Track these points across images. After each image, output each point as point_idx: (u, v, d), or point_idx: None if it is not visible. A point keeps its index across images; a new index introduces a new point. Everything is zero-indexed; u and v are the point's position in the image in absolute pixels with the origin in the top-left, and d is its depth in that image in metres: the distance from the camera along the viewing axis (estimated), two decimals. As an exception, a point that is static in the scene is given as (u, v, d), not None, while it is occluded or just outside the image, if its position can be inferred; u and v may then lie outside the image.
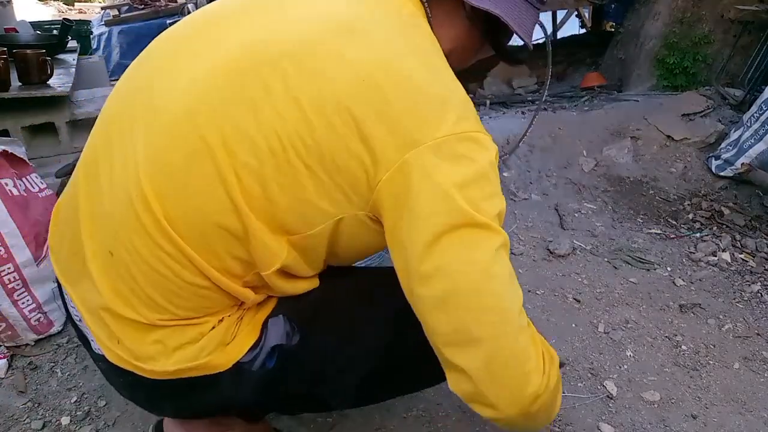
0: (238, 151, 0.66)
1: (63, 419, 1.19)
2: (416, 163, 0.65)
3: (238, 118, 0.67)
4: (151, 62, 0.80)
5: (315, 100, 0.66)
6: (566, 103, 3.17)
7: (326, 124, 0.65)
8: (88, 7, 9.16)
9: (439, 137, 0.65)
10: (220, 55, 0.71)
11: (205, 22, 0.78)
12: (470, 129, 0.68)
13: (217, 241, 0.70)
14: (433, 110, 0.67)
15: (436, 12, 0.80)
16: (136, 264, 0.72)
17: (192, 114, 0.68)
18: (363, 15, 0.72)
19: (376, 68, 0.67)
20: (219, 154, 0.67)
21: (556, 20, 6.10)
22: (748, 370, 1.46)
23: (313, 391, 0.85)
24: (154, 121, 0.71)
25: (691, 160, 2.54)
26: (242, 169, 0.67)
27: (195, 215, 0.69)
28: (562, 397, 1.31)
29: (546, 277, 1.79)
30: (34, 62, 1.86)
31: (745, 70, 2.87)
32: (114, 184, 0.72)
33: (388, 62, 0.68)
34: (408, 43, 0.72)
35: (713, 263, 1.94)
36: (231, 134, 0.67)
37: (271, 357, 0.80)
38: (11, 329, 1.35)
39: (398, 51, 0.70)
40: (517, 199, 2.27)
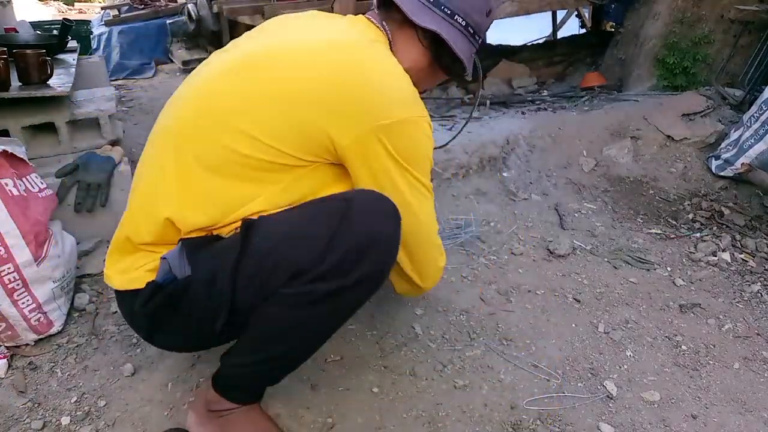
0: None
1: (63, 419, 1.19)
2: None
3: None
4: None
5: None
6: (566, 103, 3.17)
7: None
8: (88, 7, 9.16)
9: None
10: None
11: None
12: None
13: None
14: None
15: (396, 38, 1.11)
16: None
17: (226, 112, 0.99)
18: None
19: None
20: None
21: (556, 20, 6.11)
22: (748, 370, 1.46)
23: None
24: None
25: (691, 160, 2.54)
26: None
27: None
28: (563, 397, 1.31)
29: (546, 277, 1.79)
30: (34, 62, 1.85)
31: (745, 70, 2.87)
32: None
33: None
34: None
35: (713, 263, 1.94)
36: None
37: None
38: (11, 329, 1.35)
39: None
40: (517, 199, 2.27)
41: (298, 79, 0.95)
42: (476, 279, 1.74)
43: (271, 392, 1.26)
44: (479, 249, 1.89)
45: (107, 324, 1.47)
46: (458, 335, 1.49)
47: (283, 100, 0.95)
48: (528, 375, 1.37)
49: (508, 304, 1.64)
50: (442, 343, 1.46)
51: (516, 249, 1.92)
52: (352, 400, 1.26)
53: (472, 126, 2.64)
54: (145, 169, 1.05)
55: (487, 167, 2.38)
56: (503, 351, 1.45)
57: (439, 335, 1.49)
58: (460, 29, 1.11)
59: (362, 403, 1.25)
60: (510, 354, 1.44)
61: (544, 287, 1.74)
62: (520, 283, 1.74)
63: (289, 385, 1.28)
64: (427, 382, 1.33)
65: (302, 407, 1.23)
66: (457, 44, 1.10)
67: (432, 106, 3.33)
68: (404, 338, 1.46)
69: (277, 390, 1.27)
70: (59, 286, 1.41)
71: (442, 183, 2.25)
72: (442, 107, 3.37)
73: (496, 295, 1.68)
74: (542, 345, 1.48)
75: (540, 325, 1.56)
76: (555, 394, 1.32)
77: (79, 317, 1.50)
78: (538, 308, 1.63)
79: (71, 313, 1.50)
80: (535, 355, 1.44)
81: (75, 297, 1.54)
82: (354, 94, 0.95)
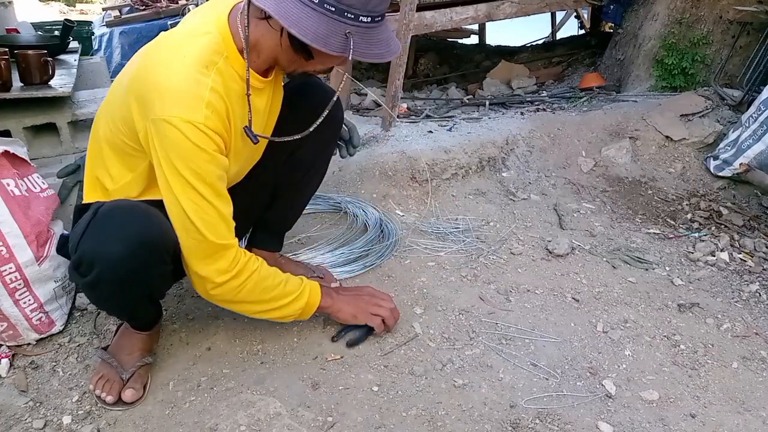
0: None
1: (64, 418, 1.20)
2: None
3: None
4: None
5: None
6: (565, 104, 3.17)
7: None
8: (89, 8, 9.16)
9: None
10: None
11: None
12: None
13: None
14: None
15: (257, 27, 1.09)
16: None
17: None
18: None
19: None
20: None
21: (555, 21, 6.12)
22: (747, 370, 1.46)
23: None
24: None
25: (689, 161, 2.55)
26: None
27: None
28: (562, 396, 1.32)
29: (545, 277, 1.80)
30: (35, 63, 1.86)
31: (744, 71, 2.87)
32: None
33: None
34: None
35: (711, 263, 1.95)
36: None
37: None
38: (13, 329, 1.36)
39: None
40: (516, 199, 2.27)
41: (135, 68, 1.12)
42: (476, 278, 1.75)
43: (271, 390, 1.27)
44: (478, 249, 1.90)
45: (108, 323, 1.48)
46: (458, 334, 1.50)
47: (123, 88, 1.12)
48: (527, 374, 1.38)
49: (508, 304, 1.65)
50: (442, 342, 1.47)
51: (515, 249, 1.93)
52: (352, 398, 1.27)
53: (472, 126, 2.65)
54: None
55: (487, 167, 2.39)
56: (502, 350, 1.45)
57: (438, 334, 1.49)
58: (312, 6, 0.98)
59: (362, 402, 1.26)
60: (509, 353, 1.44)
61: (543, 287, 1.74)
62: (519, 283, 1.74)
63: (289, 384, 1.29)
64: (426, 380, 1.33)
65: (302, 406, 1.23)
66: (303, 22, 0.98)
67: (432, 107, 3.33)
68: (404, 337, 1.47)
69: (277, 388, 1.28)
70: (61, 285, 1.42)
71: (441, 183, 2.25)
72: (441, 108, 3.38)
73: (496, 294, 1.68)
74: (541, 344, 1.49)
75: (539, 324, 1.57)
76: (554, 393, 1.32)
77: (81, 317, 1.51)
78: (537, 308, 1.64)
79: (72, 313, 1.51)
80: (534, 354, 1.45)
81: (76, 296, 1.55)
82: (141, 88, 1.06)
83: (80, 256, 1.09)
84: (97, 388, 1.24)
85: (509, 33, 6.60)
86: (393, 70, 2.42)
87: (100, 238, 1.08)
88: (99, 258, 1.08)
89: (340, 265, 1.72)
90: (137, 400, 1.23)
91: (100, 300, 1.22)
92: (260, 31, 1.10)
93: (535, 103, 3.25)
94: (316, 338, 1.44)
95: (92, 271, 1.08)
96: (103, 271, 1.08)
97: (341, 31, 1.01)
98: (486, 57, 5.03)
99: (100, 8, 8.06)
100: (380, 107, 2.61)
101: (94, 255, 1.08)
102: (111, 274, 1.09)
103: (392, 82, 2.44)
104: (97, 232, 1.09)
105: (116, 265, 1.07)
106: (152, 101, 1.04)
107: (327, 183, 2.22)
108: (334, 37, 1.00)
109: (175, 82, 1.04)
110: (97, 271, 1.08)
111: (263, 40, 1.11)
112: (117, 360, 1.28)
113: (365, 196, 2.12)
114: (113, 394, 1.23)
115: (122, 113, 1.12)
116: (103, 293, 1.16)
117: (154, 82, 1.04)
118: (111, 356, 1.29)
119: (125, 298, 1.18)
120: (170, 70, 1.05)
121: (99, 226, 1.09)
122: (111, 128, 1.16)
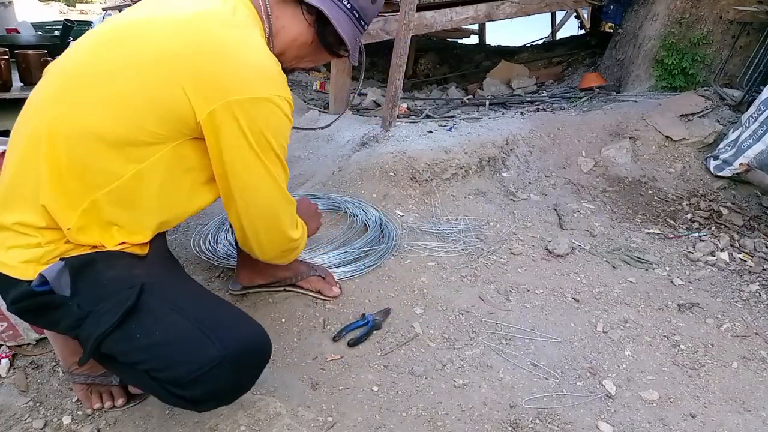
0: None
1: (64, 418, 1.20)
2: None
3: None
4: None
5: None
6: (565, 104, 3.17)
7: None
8: (89, 8, 9.17)
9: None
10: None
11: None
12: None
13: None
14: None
15: (281, 12, 1.13)
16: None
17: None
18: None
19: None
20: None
21: (555, 21, 6.12)
22: (747, 370, 1.46)
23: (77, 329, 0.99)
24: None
25: (689, 161, 2.55)
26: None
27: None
28: (562, 396, 1.32)
29: (545, 277, 1.80)
30: (35, 63, 1.87)
31: (744, 71, 2.88)
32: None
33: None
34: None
35: (711, 263, 1.95)
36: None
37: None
38: (13, 329, 1.36)
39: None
40: (516, 199, 2.27)
41: (160, 48, 0.97)
42: (476, 278, 1.75)
43: (271, 390, 1.27)
44: (478, 249, 1.90)
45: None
46: (458, 334, 1.50)
47: (141, 70, 0.97)
48: (527, 374, 1.38)
49: (508, 304, 1.65)
50: (442, 342, 1.47)
51: (515, 249, 1.93)
52: (352, 398, 1.27)
53: (472, 126, 2.65)
54: (18, 145, 1.01)
55: (487, 167, 2.39)
56: (502, 350, 1.45)
57: (438, 334, 1.49)
58: (345, 11, 1.15)
59: (362, 402, 1.26)
60: (509, 353, 1.44)
61: (543, 287, 1.74)
62: (519, 283, 1.74)
63: (290, 384, 1.29)
64: (426, 380, 1.33)
65: (302, 406, 1.23)
66: (341, 25, 1.14)
67: (432, 107, 3.34)
68: (404, 337, 1.47)
69: (277, 388, 1.28)
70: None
71: (441, 183, 2.25)
72: (441, 108, 3.38)
73: (496, 294, 1.68)
74: (541, 344, 1.49)
75: (539, 324, 1.57)
76: (554, 393, 1.33)
77: (80, 317, 1.51)
78: (537, 308, 1.64)
79: (72, 313, 1.51)
80: (534, 354, 1.45)
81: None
82: (211, 68, 0.97)
83: (197, 377, 0.94)
84: (96, 402, 1.21)
85: (509, 33, 6.60)
86: (393, 70, 2.42)
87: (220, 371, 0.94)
88: (215, 376, 0.95)
89: (340, 265, 1.72)
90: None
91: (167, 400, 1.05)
92: (286, 20, 1.13)
93: (535, 103, 3.25)
94: (316, 338, 1.44)
95: (202, 386, 0.95)
96: (218, 388, 0.97)
97: (357, 35, 1.20)
98: (486, 57, 5.03)
99: (100, 8, 8.07)
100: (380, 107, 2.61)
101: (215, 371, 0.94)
102: (221, 393, 0.99)
103: (392, 82, 2.44)
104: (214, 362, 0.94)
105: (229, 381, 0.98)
106: (233, 81, 0.97)
107: (327, 183, 2.23)
108: (353, 39, 1.19)
109: (261, 61, 1.01)
110: (210, 388, 0.96)
111: (288, 28, 1.14)
112: (92, 374, 1.21)
113: (365, 196, 2.12)
114: (119, 395, 1.21)
115: (156, 101, 0.97)
116: (185, 405, 1.02)
117: (234, 63, 0.98)
118: (86, 375, 1.21)
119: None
120: (249, 50, 1.01)
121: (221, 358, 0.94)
122: (117, 122, 0.97)
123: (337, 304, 1.57)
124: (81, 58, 1.02)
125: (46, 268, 0.96)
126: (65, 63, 1.05)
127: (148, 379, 0.97)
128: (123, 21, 1.07)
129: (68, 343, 1.19)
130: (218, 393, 0.98)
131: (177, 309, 0.98)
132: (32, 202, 0.97)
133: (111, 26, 1.06)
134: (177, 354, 0.94)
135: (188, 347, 0.95)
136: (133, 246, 1.04)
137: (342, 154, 2.43)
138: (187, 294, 1.07)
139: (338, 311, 1.55)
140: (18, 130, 1.04)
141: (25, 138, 1.00)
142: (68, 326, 0.99)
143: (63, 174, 0.96)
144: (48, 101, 1.00)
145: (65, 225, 0.98)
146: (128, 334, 0.95)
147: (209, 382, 0.94)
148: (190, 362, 0.94)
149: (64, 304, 0.97)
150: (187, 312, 0.98)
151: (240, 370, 0.98)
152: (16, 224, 0.97)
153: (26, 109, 1.05)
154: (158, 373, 0.95)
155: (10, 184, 0.99)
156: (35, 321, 1.12)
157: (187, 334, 0.96)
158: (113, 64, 0.98)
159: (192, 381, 0.94)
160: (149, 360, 0.95)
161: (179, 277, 1.14)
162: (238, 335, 0.98)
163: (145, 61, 0.97)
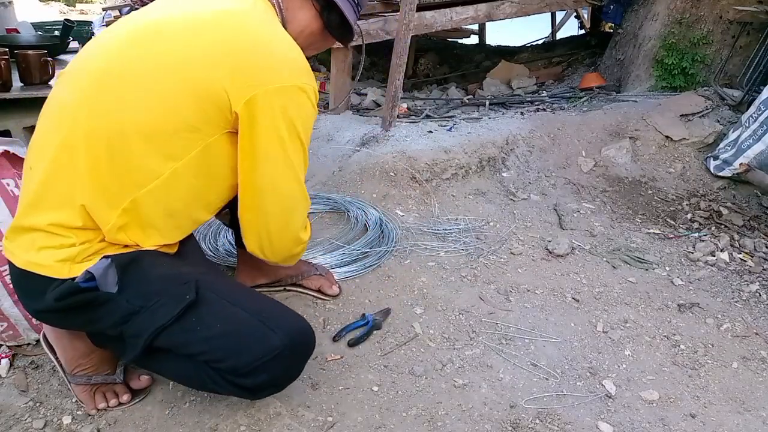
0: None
1: (64, 418, 1.20)
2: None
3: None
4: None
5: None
6: (565, 104, 3.17)
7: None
8: (89, 8, 9.17)
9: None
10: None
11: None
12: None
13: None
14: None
15: (289, 4, 1.17)
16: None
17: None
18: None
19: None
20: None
21: (555, 21, 6.12)
22: (747, 370, 1.46)
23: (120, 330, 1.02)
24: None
25: (689, 161, 2.55)
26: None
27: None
28: (562, 396, 1.32)
29: (545, 277, 1.80)
30: (35, 63, 1.87)
31: (744, 71, 2.88)
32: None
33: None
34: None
35: (711, 263, 1.95)
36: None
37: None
38: (13, 329, 1.36)
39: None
40: (516, 199, 2.27)
41: (190, 45, 1.00)
42: (475, 278, 1.75)
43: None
44: (478, 249, 1.90)
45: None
46: (458, 334, 1.50)
47: (177, 67, 0.99)
48: (527, 374, 1.38)
49: (508, 304, 1.65)
50: (442, 342, 1.47)
51: (515, 249, 1.93)
52: (352, 398, 1.27)
53: (472, 126, 2.65)
54: (47, 150, 1.01)
55: (487, 167, 2.39)
56: (502, 350, 1.45)
57: (438, 334, 1.49)
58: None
59: (362, 402, 1.26)
60: (509, 353, 1.44)
61: (543, 287, 1.74)
62: (519, 283, 1.74)
63: (290, 384, 1.29)
64: (426, 380, 1.33)
65: (302, 406, 1.23)
66: (346, 10, 1.21)
67: (432, 107, 3.34)
68: (404, 337, 1.47)
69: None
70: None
71: (441, 183, 2.25)
72: (441, 108, 3.38)
73: (496, 294, 1.68)
74: (541, 344, 1.49)
75: (539, 324, 1.57)
76: (554, 393, 1.33)
77: (81, 317, 1.51)
78: (537, 308, 1.64)
79: (72, 313, 1.51)
80: (534, 354, 1.45)
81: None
82: (247, 61, 1.00)
83: (254, 367, 1.01)
84: (101, 402, 1.19)
85: (509, 33, 6.60)
86: (393, 70, 2.42)
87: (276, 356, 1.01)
88: (278, 364, 1.03)
89: (341, 266, 1.72)
90: (150, 385, 1.24)
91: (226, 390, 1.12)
92: (296, 10, 1.17)
93: (535, 103, 3.25)
94: (316, 338, 1.44)
95: (262, 375, 1.03)
96: (279, 375, 1.07)
97: (355, 21, 1.25)
98: (486, 57, 5.03)
99: (100, 8, 8.07)
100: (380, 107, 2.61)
101: (274, 361, 1.02)
102: (283, 378, 1.10)
103: (392, 82, 2.44)
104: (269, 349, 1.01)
105: (288, 365, 1.08)
106: (268, 72, 1.01)
107: (327, 183, 2.23)
108: (356, 24, 1.25)
109: (291, 52, 1.06)
110: (270, 377, 1.05)
111: (298, 18, 1.18)
112: (96, 374, 1.21)
113: (365, 196, 2.12)
114: (123, 392, 1.21)
115: (194, 94, 0.99)
116: (244, 394, 1.11)
117: (267, 53, 1.02)
118: (89, 375, 1.21)
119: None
120: (280, 43, 1.05)
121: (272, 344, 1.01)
122: (157, 115, 0.99)
123: (337, 304, 1.57)
124: (109, 60, 1.03)
125: (93, 264, 0.99)
126: (89, 65, 1.05)
127: (205, 370, 1.02)
128: (145, 21, 1.08)
129: (75, 345, 1.19)
130: (277, 380, 1.07)
131: (234, 302, 1.04)
132: (68, 203, 0.99)
133: (132, 27, 1.07)
134: (239, 344, 1.00)
135: (250, 338, 1.00)
136: (163, 246, 1.10)
137: (342, 154, 2.43)
138: (235, 288, 1.14)
139: (338, 311, 1.55)
140: (44, 135, 1.04)
141: (58, 142, 1.00)
142: (113, 323, 1.01)
143: (103, 174, 0.99)
144: (81, 105, 1.01)
145: (105, 224, 1.00)
146: (187, 327, 0.99)
147: (270, 371, 1.01)
148: (252, 352, 0.99)
149: (111, 300, 1.00)
150: (245, 304, 1.04)
151: (295, 358, 1.07)
152: (50, 225, 0.99)
153: (51, 113, 1.05)
154: (219, 363, 1.00)
155: (41, 188, 1.00)
156: (69, 321, 1.08)
157: (247, 326, 1.01)
158: (146, 63, 1.00)
159: (254, 370, 1.00)
160: (210, 351, 1.00)
161: (220, 274, 1.21)
162: (294, 326, 1.06)
163: (180, 59, 1.00)
